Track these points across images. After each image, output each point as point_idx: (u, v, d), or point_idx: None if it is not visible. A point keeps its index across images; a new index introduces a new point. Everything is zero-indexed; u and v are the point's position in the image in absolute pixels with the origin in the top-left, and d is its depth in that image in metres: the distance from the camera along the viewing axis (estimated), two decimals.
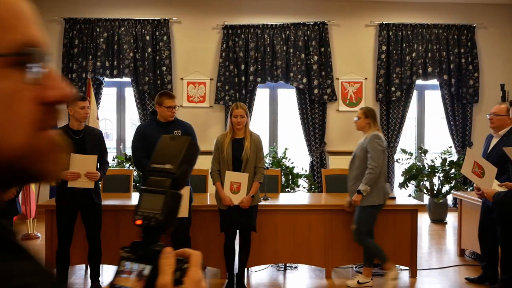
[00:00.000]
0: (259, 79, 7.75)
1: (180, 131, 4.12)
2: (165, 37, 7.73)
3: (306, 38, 7.83)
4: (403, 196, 5.57)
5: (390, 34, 7.93)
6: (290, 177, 7.17)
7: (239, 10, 7.87)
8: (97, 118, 6.84)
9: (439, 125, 8.56)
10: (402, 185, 7.50)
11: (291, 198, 5.23)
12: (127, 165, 7.19)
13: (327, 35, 7.87)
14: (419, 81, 8.10)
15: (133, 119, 8.52)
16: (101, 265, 4.29)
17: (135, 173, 6.16)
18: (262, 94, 8.17)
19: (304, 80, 7.76)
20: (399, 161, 7.81)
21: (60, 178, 3.95)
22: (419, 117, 8.45)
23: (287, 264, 5.02)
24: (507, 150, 3.77)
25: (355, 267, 4.91)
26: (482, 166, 3.92)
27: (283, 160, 7.29)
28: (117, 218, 4.49)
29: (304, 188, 7.41)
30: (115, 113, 8.21)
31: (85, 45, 7.67)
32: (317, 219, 4.70)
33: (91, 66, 7.54)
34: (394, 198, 4.96)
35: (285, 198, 5.17)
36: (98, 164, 4.07)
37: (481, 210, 4.49)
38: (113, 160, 7.25)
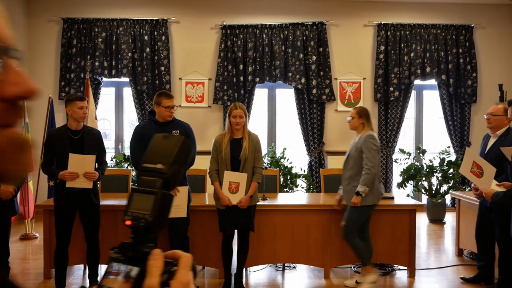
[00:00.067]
0: (258, 79, 7.75)
1: (179, 131, 4.11)
2: (164, 37, 7.73)
3: (305, 38, 7.83)
4: (402, 196, 5.57)
5: (389, 34, 7.94)
6: (289, 177, 7.17)
7: (238, 10, 7.87)
8: (96, 118, 6.83)
9: (437, 125, 8.57)
10: (401, 185, 7.51)
11: (290, 198, 5.22)
12: (126, 165, 7.18)
13: (326, 35, 7.88)
14: (418, 81, 8.11)
15: (132, 119, 8.52)
16: (100, 265, 4.29)
17: (134, 173, 6.15)
18: (261, 94, 8.18)
19: (303, 80, 7.76)
20: (398, 161, 7.82)
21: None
22: (418, 117, 8.46)
23: (286, 264, 5.02)
24: (505, 150, 3.77)
25: (354, 267, 4.91)
26: (481, 166, 3.92)
27: (282, 160, 7.30)
28: (116, 218, 4.48)
29: (303, 188, 7.42)
30: (114, 113, 8.20)
31: (83, 45, 7.67)
32: (316, 219, 4.70)
33: (90, 66, 7.52)
34: (393, 198, 4.97)
35: (284, 198, 5.17)
36: (97, 164, 4.07)
37: (479, 210, 4.50)
38: (112, 160, 7.25)
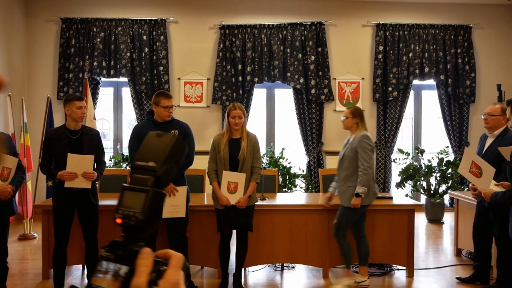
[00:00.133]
0: (256, 79, 7.75)
1: (177, 131, 4.11)
2: (162, 37, 7.73)
3: (303, 38, 7.83)
4: (400, 196, 5.57)
5: (387, 34, 7.95)
6: (287, 177, 7.17)
7: (236, 10, 7.87)
8: (94, 118, 6.83)
9: (436, 125, 8.58)
10: (399, 185, 7.52)
11: (288, 198, 5.22)
12: (124, 165, 7.18)
13: (324, 35, 7.88)
14: (416, 81, 8.12)
15: (130, 119, 8.51)
16: None
17: None
18: (259, 94, 8.18)
19: (301, 80, 7.77)
20: (396, 161, 7.83)
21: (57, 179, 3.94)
22: (416, 117, 8.47)
23: (284, 264, 5.02)
24: (502, 150, 3.77)
25: (353, 267, 4.91)
26: (480, 166, 3.92)
27: (280, 160, 7.30)
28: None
29: (301, 188, 7.42)
30: (112, 113, 8.20)
31: (82, 45, 7.66)
32: (314, 219, 4.70)
33: (88, 66, 7.51)
34: (391, 198, 4.98)
35: (282, 198, 5.17)
36: (95, 164, 4.06)
37: (476, 210, 4.50)
38: (110, 160, 7.24)
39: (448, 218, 7.41)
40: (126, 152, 7.27)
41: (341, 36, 8.01)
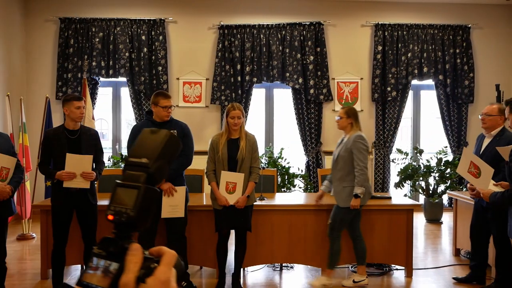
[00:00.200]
0: (255, 79, 7.75)
1: (176, 131, 4.11)
2: (161, 37, 7.72)
3: (302, 38, 7.83)
4: (399, 196, 5.57)
5: (386, 34, 7.95)
6: (286, 177, 7.17)
7: (235, 10, 7.87)
8: (93, 118, 6.82)
9: (435, 125, 8.59)
10: (398, 185, 7.52)
11: (287, 198, 5.22)
12: (123, 165, 7.16)
13: (323, 35, 7.88)
14: (415, 81, 8.12)
15: (129, 119, 8.50)
16: None
17: None
18: (258, 94, 8.18)
19: (300, 80, 7.77)
20: (395, 161, 7.83)
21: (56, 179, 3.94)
22: (415, 117, 8.48)
23: (283, 264, 5.03)
24: (501, 150, 3.78)
25: (351, 267, 4.92)
26: (479, 166, 3.92)
27: (279, 160, 7.30)
28: None
29: (300, 188, 7.42)
30: (111, 113, 8.19)
31: (81, 45, 7.65)
32: (313, 219, 4.70)
33: (87, 66, 7.51)
34: (390, 198, 4.98)
35: (281, 198, 5.17)
36: (94, 164, 4.06)
37: (474, 210, 4.51)
38: (109, 160, 7.24)
39: (447, 218, 7.41)
40: (125, 152, 7.27)
41: (340, 36, 8.01)
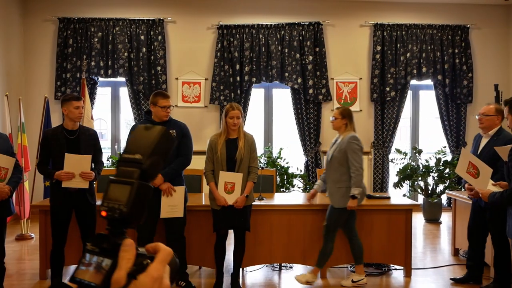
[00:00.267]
0: (254, 79, 7.75)
1: (175, 131, 4.12)
2: (160, 37, 7.72)
3: (301, 38, 7.83)
4: (398, 196, 5.57)
5: (385, 34, 7.96)
6: (285, 177, 7.17)
7: (234, 10, 7.87)
8: (92, 118, 6.82)
9: (434, 125, 8.60)
10: (397, 185, 7.53)
11: (286, 198, 5.22)
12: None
13: (322, 35, 7.89)
14: (414, 81, 8.13)
15: (128, 119, 8.50)
16: None
17: None
18: (257, 94, 8.18)
19: (299, 80, 7.77)
20: (394, 161, 7.84)
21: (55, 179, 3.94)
22: (414, 117, 8.48)
23: (282, 264, 5.03)
24: (499, 150, 3.78)
25: (350, 267, 4.92)
26: (477, 167, 3.93)
27: (278, 160, 7.30)
28: None
29: (299, 188, 7.42)
30: (110, 113, 8.19)
31: (80, 45, 7.64)
32: (312, 219, 4.70)
33: (86, 66, 7.51)
34: (389, 198, 4.99)
35: (280, 198, 5.17)
36: (93, 164, 4.06)
37: (472, 210, 4.51)
38: (108, 160, 7.23)
39: (446, 218, 7.42)
40: None
41: (339, 36, 8.01)
